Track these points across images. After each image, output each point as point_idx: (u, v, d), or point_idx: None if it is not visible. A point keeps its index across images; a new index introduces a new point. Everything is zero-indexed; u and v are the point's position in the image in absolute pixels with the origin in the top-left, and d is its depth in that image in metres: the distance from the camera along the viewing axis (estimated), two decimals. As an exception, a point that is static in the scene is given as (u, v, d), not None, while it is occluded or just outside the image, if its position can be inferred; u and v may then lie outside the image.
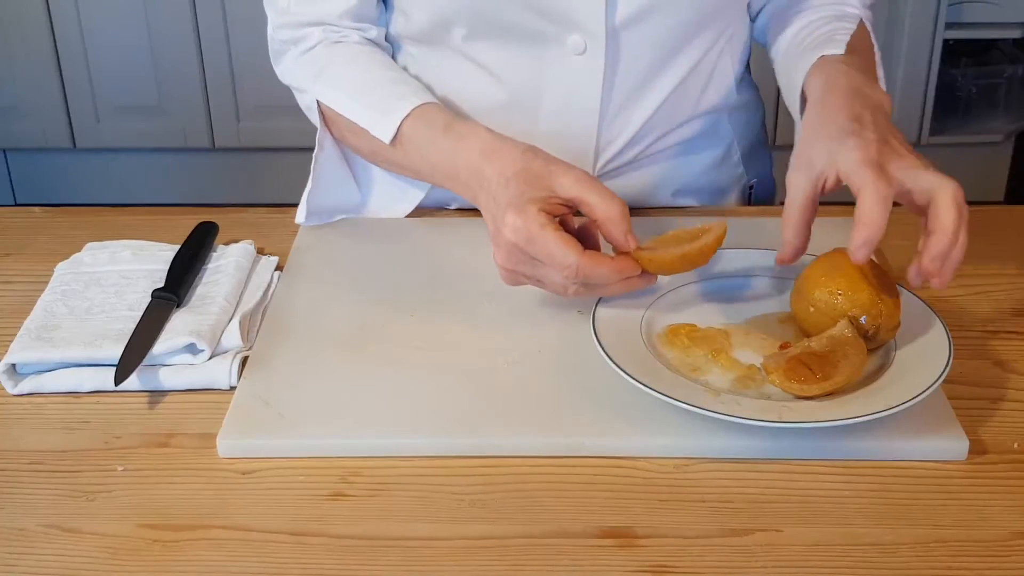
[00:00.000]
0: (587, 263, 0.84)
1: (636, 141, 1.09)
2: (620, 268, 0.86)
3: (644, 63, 1.04)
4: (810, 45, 1.01)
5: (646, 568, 0.71)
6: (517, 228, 0.84)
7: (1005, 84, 2.82)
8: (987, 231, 1.08)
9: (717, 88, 1.11)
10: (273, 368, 0.88)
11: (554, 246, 0.84)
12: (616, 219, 0.86)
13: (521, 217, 0.84)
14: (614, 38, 1.01)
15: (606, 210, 0.85)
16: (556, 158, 0.89)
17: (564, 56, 1.02)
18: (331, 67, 1.04)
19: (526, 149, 0.90)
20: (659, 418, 0.80)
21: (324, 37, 1.05)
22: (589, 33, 1.01)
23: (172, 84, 2.73)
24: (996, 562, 0.71)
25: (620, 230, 0.86)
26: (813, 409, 0.78)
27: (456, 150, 0.94)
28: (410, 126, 0.98)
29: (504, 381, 0.85)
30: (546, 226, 0.84)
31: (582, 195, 0.86)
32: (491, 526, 0.74)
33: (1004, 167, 2.84)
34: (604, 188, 0.87)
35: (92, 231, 1.08)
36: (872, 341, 0.84)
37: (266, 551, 0.72)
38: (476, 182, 0.92)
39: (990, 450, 0.80)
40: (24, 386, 0.87)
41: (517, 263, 0.87)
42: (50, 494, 0.78)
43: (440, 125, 0.97)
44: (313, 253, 1.04)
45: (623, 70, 1.04)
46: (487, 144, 0.92)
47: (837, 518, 0.74)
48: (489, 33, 1.03)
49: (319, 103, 1.04)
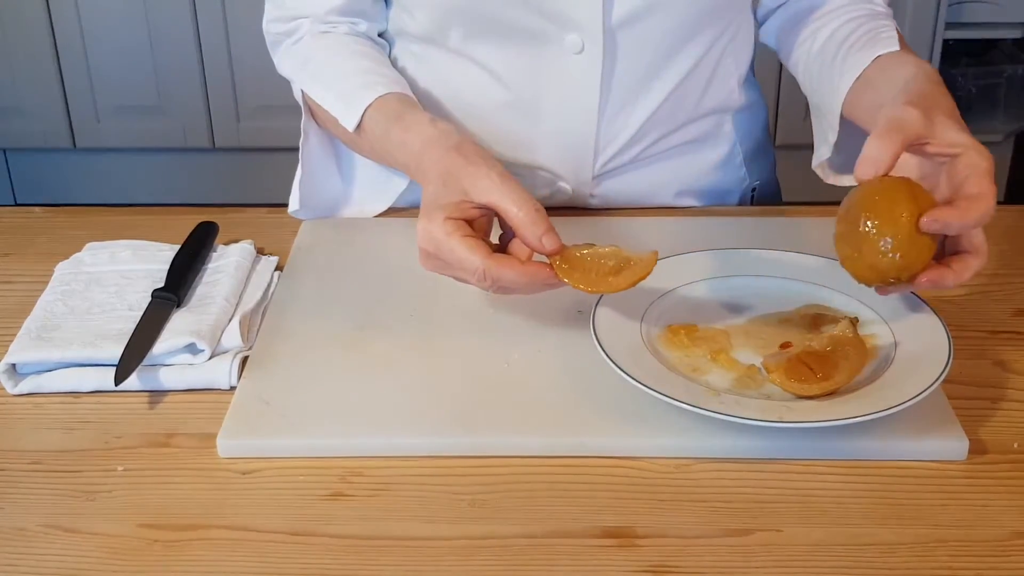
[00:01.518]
0: (494, 266, 0.82)
1: (636, 140, 1.09)
2: (528, 272, 0.83)
3: (643, 63, 1.04)
4: (857, 45, 1.00)
5: (646, 568, 0.71)
6: (425, 234, 0.84)
7: (1005, 84, 2.82)
8: (987, 231, 1.08)
9: (719, 89, 1.10)
10: (273, 368, 0.88)
11: (460, 251, 0.83)
12: (528, 223, 0.83)
13: (429, 224, 0.84)
14: (612, 37, 1.01)
15: (518, 214, 0.83)
16: (480, 157, 0.87)
17: (562, 55, 1.02)
18: (314, 58, 1.06)
19: (452, 147, 0.89)
20: (659, 418, 0.80)
21: (312, 28, 1.07)
22: (586, 32, 1.01)
23: (172, 84, 2.73)
24: (996, 562, 0.71)
25: (534, 234, 0.83)
26: (813, 409, 0.78)
27: (404, 140, 0.95)
28: (370, 116, 0.98)
29: (504, 381, 0.85)
30: (451, 234, 0.83)
31: (494, 201, 0.84)
32: (491, 526, 0.74)
33: (1004, 167, 2.84)
34: (519, 191, 0.84)
35: (92, 231, 1.08)
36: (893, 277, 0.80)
37: (266, 551, 0.72)
38: (421, 176, 0.92)
39: (990, 450, 0.80)
40: (24, 386, 0.87)
41: (435, 267, 0.86)
42: (50, 494, 0.78)
43: (394, 115, 0.97)
44: (313, 253, 1.04)
45: (621, 69, 1.04)
46: (426, 137, 0.92)
47: (837, 518, 0.74)
48: (487, 33, 1.03)
49: (304, 93, 1.06)
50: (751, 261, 0.96)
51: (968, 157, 0.82)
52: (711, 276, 0.94)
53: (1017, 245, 1.05)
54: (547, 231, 0.83)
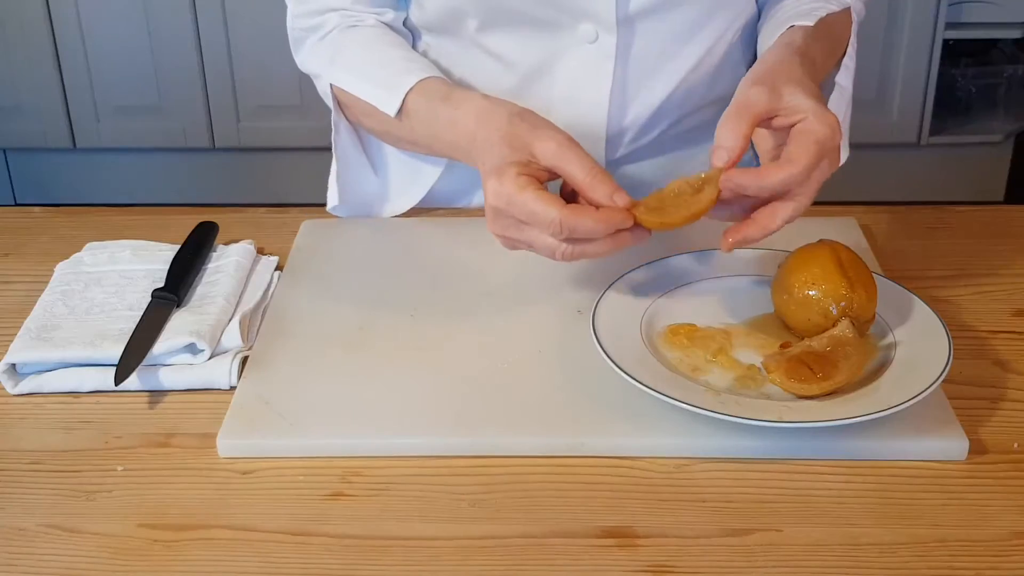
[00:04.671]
0: (570, 216, 0.81)
1: (649, 128, 1.10)
2: (606, 218, 0.82)
3: (655, 51, 1.05)
4: (786, 18, 1.01)
5: (646, 568, 0.71)
6: (497, 192, 0.84)
7: (1005, 84, 2.81)
8: (987, 231, 1.08)
9: (730, 75, 1.10)
10: (273, 368, 0.88)
11: (533, 204, 0.82)
12: (596, 184, 0.83)
13: (500, 181, 0.83)
14: (626, 27, 1.02)
15: (585, 177, 0.83)
16: (543, 123, 0.88)
17: (575, 44, 1.03)
18: (344, 51, 1.06)
19: (515, 113, 0.90)
20: (659, 418, 0.80)
21: (340, 22, 1.07)
22: (600, 22, 1.02)
23: (172, 84, 2.73)
24: (996, 562, 0.71)
25: (604, 192, 0.83)
26: (813, 409, 0.78)
27: (454, 118, 0.95)
28: (413, 99, 0.98)
29: (504, 381, 0.85)
30: (525, 188, 0.82)
31: (561, 165, 0.84)
32: (491, 526, 0.74)
33: (1004, 167, 2.83)
34: (585, 155, 0.84)
35: (92, 231, 1.08)
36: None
37: (266, 551, 0.72)
38: (473, 148, 0.92)
39: (990, 450, 0.80)
40: (24, 386, 0.87)
41: (504, 228, 0.85)
42: (50, 494, 0.78)
43: (440, 96, 0.97)
44: (313, 253, 1.04)
45: (634, 58, 1.05)
46: (480, 109, 0.92)
47: (837, 518, 0.74)
48: (501, 23, 1.04)
49: (332, 87, 1.06)
50: (751, 261, 0.96)
51: (805, 123, 0.83)
52: (711, 276, 0.95)
53: (1017, 245, 1.05)
54: (617, 188, 0.83)
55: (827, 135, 0.83)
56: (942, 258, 1.03)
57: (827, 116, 0.83)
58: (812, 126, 0.83)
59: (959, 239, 1.06)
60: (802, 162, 0.82)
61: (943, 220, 1.10)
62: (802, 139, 0.83)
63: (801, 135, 0.83)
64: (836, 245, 0.88)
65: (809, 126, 0.83)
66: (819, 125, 0.83)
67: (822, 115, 0.83)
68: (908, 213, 1.11)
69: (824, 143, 0.82)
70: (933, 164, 2.79)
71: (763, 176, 0.82)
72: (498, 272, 0.99)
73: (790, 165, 0.82)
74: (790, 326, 0.88)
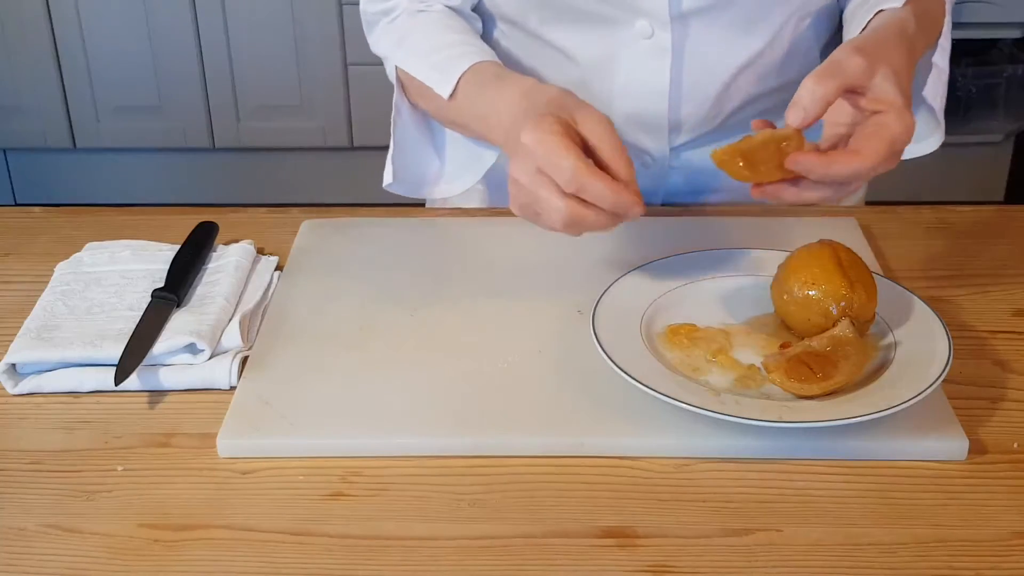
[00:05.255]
0: (586, 170, 0.81)
1: (712, 116, 1.10)
2: (618, 188, 0.81)
3: (711, 46, 1.06)
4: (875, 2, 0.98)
5: (646, 568, 0.71)
6: (531, 132, 0.83)
7: (1005, 84, 2.81)
8: (987, 231, 1.08)
9: (800, 61, 1.09)
10: (273, 368, 0.88)
11: (559, 148, 0.81)
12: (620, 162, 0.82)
13: (538, 123, 0.83)
14: (680, 23, 1.04)
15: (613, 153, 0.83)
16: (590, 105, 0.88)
17: (633, 39, 1.05)
18: (410, 35, 1.08)
19: (565, 91, 0.90)
20: (659, 418, 0.80)
21: (409, 6, 1.09)
22: (655, 19, 1.03)
23: (172, 84, 2.73)
24: (996, 562, 0.71)
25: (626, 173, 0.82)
26: (813, 409, 0.78)
27: (500, 95, 0.95)
28: (465, 81, 1.00)
29: (504, 381, 0.85)
30: (558, 133, 0.82)
31: (596, 140, 0.84)
32: (491, 526, 0.74)
33: (1004, 167, 2.83)
34: (620, 145, 0.84)
35: (92, 231, 1.08)
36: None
37: (266, 551, 0.72)
38: (511, 118, 0.91)
39: (990, 450, 0.80)
40: (24, 386, 0.87)
41: (523, 171, 0.84)
42: (50, 494, 0.78)
43: (491, 76, 0.99)
44: (313, 253, 1.04)
45: (690, 52, 1.06)
46: (530, 86, 0.94)
47: (837, 518, 0.74)
48: (561, 18, 1.07)
49: (397, 69, 1.08)
50: (751, 261, 0.96)
51: (885, 116, 0.82)
52: (711, 276, 0.95)
53: (1017, 245, 1.05)
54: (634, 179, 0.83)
55: (901, 138, 0.81)
56: (942, 258, 1.03)
57: (907, 118, 0.82)
58: (891, 122, 0.81)
59: (959, 239, 1.06)
60: (871, 160, 0.80)
61: (943, 220, 1.10)
62: (877, 134, 0.81)
63: (878, 129, 0.81)
64: (836, 245, 0.88)
65: (888, 121, 0.81)
66: (898, 125, 0.81)
67: (904, 115, 0.82)
68: (908, 213, 1.12)
69: (895, 144, 0.81)
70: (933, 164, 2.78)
71: (831, 164, 0.80)
72: (498, 272, 0.99)
73: (859, 159, 0.80)
74: (790, 326, 0.88)
